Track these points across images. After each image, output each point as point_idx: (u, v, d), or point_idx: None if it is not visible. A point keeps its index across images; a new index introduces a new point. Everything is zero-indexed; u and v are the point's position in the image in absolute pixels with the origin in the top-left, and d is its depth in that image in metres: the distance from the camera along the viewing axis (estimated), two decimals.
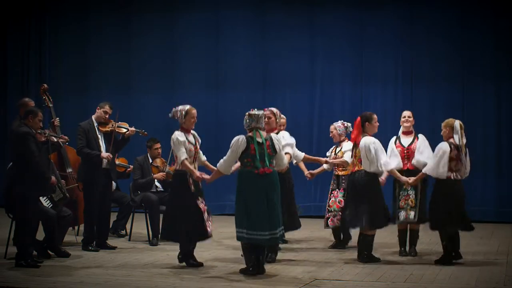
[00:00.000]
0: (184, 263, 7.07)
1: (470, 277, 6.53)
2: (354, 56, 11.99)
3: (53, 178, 7.33)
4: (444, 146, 7.19)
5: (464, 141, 7.23)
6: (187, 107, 7.15)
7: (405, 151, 7.77)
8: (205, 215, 6.96)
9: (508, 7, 11.20)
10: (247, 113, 6.72)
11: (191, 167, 6.97)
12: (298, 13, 12.23)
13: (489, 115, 11.30)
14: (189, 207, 6.93)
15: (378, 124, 7.56)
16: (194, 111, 7.16)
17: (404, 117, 7.99)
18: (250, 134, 6.65)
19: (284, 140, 7.32)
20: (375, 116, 7.51)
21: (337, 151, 8.38)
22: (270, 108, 7.45)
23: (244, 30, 12.52)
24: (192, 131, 7.20)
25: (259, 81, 12.37)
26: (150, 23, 13.03)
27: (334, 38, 12.02)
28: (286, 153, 7.17)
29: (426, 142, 7.79)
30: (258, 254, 6.59)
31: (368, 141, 7.29)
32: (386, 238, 8.87)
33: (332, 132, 8.45)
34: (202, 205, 6.96)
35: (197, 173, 6.96)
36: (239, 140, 6.60)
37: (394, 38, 11.78)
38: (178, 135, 7.02)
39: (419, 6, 11.66)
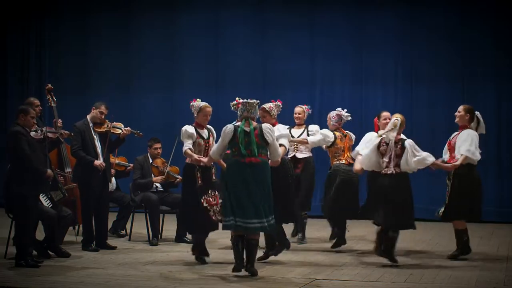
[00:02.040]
0: (194, 256, 7.27)
1: (470, 277, 6.53)
2: (354, 56, 11.99)
3: (49, 171, 7.27)
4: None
5: (399, 136, 7.21)
6: (202, 104, 7.32)
7: (446, 144, 7.79)
8: (212, 209, 6.96)
9: (508, 8, 11.20)
10: (241, 101, 6.76)
11: (192, 153, 7.13)
12: (298, 13, 12.23)
13: (489, 115, 11.23)
14: (190, 202, 7.10)
15: (386, 121, 7.71)
16: (209, 109, 7.33)
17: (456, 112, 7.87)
18: (239, 123, 6.69)
19: (278, 131, 7.23)
20: (383, 114, 7.94)
21: None
22: (262, 106, 7.31)
23: (244, 30, 12.52)
24: (208, 126, 7.37)
25: (259, 81, 12.37)
26: (150, 23, 13.04)
27: (334, 38, 12.02)
28: (280, 145, 7.08)
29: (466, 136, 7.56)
30: (247, 251, 6.58)
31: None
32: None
33: (328, 121, 8.55)
34: (208, 199, 6.97)
35: (195, 156, 7.10)
36: (226, 129, 6.67)
37: (394, 38, 11.78)
38: (187, 127, 7.25)
39: (419, 6, 11.66)
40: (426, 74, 11.63)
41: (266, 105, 7.36)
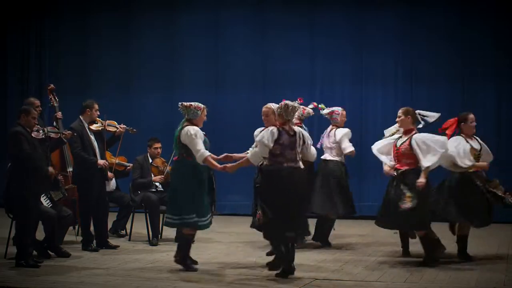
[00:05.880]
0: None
1: (470, 277, 6.53)
2: (354, 56, 12.00)
3: (50, 168, 7.27)
4: None
5: None
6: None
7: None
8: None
9: (508, 8, 11.21)
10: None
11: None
12: (298, 13, 12.24)
13: (489, 115, 11.29)
14: None
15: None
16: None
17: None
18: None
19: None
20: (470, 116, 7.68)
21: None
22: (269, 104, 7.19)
23: (244, 30, 12.53)
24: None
25: (259, 81, 12.37)
26: (150, 23, 13.04)
27: (334, 38, 12.03)
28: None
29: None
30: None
31: None
32: (387, 237, 8.87)
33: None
34: None
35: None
36: None
37: (394, 38, 11.78)
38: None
39: (419, 6, 11.67)
40: (426, 74, 11.63)
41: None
